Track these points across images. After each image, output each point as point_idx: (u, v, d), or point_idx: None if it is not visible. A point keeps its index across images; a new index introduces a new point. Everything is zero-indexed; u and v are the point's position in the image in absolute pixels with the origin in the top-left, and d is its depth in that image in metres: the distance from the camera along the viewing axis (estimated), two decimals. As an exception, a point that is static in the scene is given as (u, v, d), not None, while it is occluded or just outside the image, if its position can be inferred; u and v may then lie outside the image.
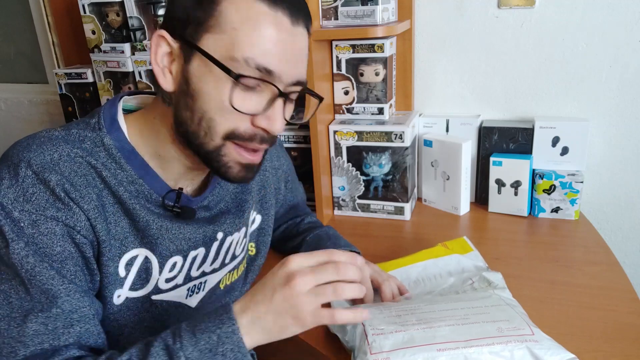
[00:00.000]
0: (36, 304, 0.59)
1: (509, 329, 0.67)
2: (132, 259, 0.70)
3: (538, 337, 0.66)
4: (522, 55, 1.22)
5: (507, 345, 0.64)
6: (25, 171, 0.61)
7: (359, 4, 1.09)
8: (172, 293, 0.76)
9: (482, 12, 1.22)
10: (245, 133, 0.65)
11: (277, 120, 0.65)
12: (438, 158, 1.23)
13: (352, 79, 1.19)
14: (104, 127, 0.68)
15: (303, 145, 1.25)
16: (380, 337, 0.68)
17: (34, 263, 0.59)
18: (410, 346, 0.65)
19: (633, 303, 0.84)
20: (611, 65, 1.17)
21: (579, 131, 1.15)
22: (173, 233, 0.73)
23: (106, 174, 0.66)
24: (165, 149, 0.71)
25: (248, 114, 0.64)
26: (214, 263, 0.81)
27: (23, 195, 0.60)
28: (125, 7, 1.26)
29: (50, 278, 0.60)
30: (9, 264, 0.59)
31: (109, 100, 0.73)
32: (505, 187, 1.19)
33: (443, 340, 0.65)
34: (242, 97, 0.63)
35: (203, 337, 0.58)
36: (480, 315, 0.70)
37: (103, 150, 0.67)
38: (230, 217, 0.81)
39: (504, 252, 1.03)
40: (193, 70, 0.64)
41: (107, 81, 1.37)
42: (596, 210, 1.27)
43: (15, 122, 1.80)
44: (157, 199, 0.71)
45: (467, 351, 0.64)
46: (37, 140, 0.64)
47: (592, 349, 0.74)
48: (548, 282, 0.91)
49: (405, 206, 1.20)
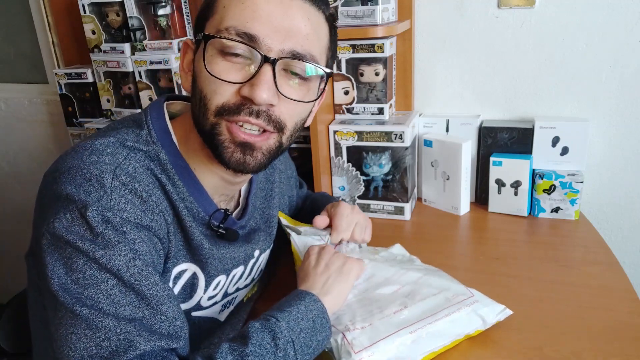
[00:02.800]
0: (143, 308, 0.58)
1: (454, 297, 0.77)
2: (181, 272, 0.70)
3: (477, 297, 0.77)
4: (522, 55, 1.22)
5: (459, 312, 0.74)
6: (112, 182, 0.59)
7: (359, 4, 1.09)
8: (210, 309, 0.77)
9: (482, 12, 1.22)
10: (233, 105, 0.63)
11: (260, 87, 0.61)
12: (438, 158, 1.23)
13: (352, 79, 1.19)
14: (157, 140, 0.67)
15: (303, 145, 1.25)
16: (355, 333, 0.70)
17: (140, 266, 0.58)
18: (385, 336, 0.70)
19: (633, 303, 0.84)
20: (611, 65, 1.17)
21: (579, 131, 1.15)
22: (222, 253, 0.73)
23: (169, 188, 0.66)
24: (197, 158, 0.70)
25: (230, 81, 0.62)
26: (247, 279, 0.83)
27: (118, 205, 0.58)
28: (125, 7, 1.26)
29: (155, 284, 0.59)
30: (110, 267, 0.57)
31: (153, 106, 0.71)
32: (505, 187, 1.19)
33: (408, 323, 0.72)
34: (227, 67, 0.62)
35: (293, 309, 0.66)
36: (424, 289, 0.78)
37: (159, 165, 0.66)
38: (262, 234, 0.82)
39: (504, 252, 1.03)
40: (197, 58, 0.65)
41: (107, 81, 1.37)
42: (596, 210, 1.27)
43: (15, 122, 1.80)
44: (204, 218, 0.70)
45: (431, 327, 0.72)
46: (100, 151, 0.62)
47: (592, 349, 0.73)
48: (548, 282, 0.91)
49: (405, 206, 1.20)
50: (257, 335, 0.61)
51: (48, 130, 1.76)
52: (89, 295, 0.56)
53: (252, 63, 0.62)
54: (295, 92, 0.65)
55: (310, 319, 0.66)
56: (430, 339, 0.71)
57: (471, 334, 0.76)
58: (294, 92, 0.65)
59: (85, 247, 0.56)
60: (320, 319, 0.67)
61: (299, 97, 0.66)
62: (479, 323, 0.75)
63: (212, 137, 0.64)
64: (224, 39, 0.61)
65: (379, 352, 0.68)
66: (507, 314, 0.78)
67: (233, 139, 0.64)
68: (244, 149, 0.65)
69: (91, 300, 0.56)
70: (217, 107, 0.63)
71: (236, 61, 0.62)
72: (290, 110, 0.66)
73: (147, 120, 0.68)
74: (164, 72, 1.28)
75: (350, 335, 0.70)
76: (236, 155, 0.65)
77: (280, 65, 0.63)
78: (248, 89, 0.62)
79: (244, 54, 0.62)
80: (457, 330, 0.74)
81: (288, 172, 0.97)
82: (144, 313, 0.58)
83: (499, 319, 0.77)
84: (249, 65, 0.62)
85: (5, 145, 1.85)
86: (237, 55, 0.62)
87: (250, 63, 0.62)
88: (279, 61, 0.62)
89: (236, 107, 0.63)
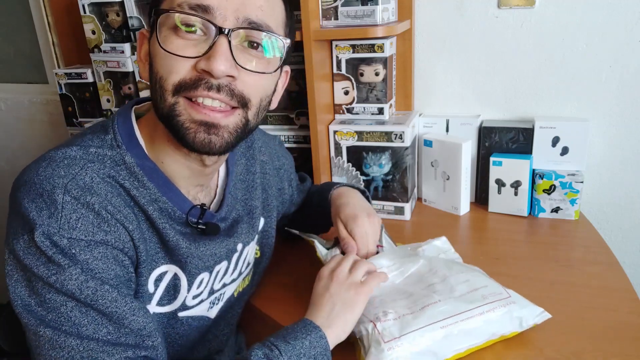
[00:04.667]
0: (106, 324, 0.58)
1: (491, 295, 0.76)
2: (161, 274, 0.69)
3: (514, 298, 0.76)
4: (522, 55, 1.22)
5: (494, 312, 0.73)
6: (64, 197, 0.58)
7: (359, 4, 1.09)
8: (197, 308, 0.77)
9: (482, 12, 1.22)
10: (190, 80, 0.60)
11: (217, 58, 0.58)
12: (438, 158, 1.23)
13: (352, 79, 1.19)
14: (123, 144, 0.66)
15: (303, 145, 1.25)
16: (387, 323, 0.71)
17: (94, 287, 0.58)
18: (415, 329, 0.70)
19: (633, 303, 0.84)
20: (611, 65, 1.17)
21: (579, 131, 1.15)
22: (201, 250, 0.72)
23: (134, 193, 0.65)
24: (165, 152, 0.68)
25: (186, 56, 0.60)
26: (233, 273, 0.82)
27: (67, 223, 0.58)
28: (125, 7, 1.26)
29: (113, 301, 0.59)
30: (65, 291, 0.57)
31: (120, 112, 0.70)
32: (505, 187, 1.19)
33: (441, 317, 0.71)
34: (183, 44, 0.60)
35: (297, 344, 0.65)
36: (460, 285, 0.78)
37: (125, 168, 0.65)
38: (244, 226, 0.81)
39: (504, 252, 1.03)
40: (152, 41, 0.64)
41: (107, 81, 1.37)
42: (596, 210, 1.27)
43: (15, 122, 1.80)
44: (180, 216, 0.70)
45: (464, 324, 0.71)
46: (56, 162, 0.61)
47: (592, 349, 0.74)
48: (548, 282, 0.91)
49: (405, 206, 1.20)
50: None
51: (48, 130, 1.77)
52: (52, 318, 0.57)
53: (207, 38, 0.61)
54: (255, 65, 0.63)
55: (312, 356, 0.66)
56: (462, 336, 0.71)
57: (507, 335, 0.75)
58: (253, 64, 0.63)
59: (40, 272, 0.57)
60: (322, 357, 0.67)
61: (260, 69, 0.63)
62: (516, 324, 0.74)
63: (171, 119, 0.62)
64: (176, 13, 0.59)
65: (408, 343, 0.68)
66: (546, 317, 0.76)
67: (193, 118, 0.61)
68: (208, 128, 0.62)
69: (54, 322, 0.57)
70: (174, 85, 0.61)
71: (191, 37, 0.60)
72: (253, 83, 0.64)
73: (113, 125, 0.67)
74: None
75: (381, 325, 0.70)
76: (199, 135, 0.62)
77: (236, 36, 0.61)
78: (205, 62, 0.59)
79: (198, 28, 0.60)
80: (492, 330, 0.73)
81: (276, 162, 0.94)
82: (107, 329, 0.59)
83: (536, 321, 0.76)
84: (205, 40, 0.61)
85: (5, 145, 1.85)
86: (192, 32, 0.60)
87: (205, 38, 0.61)
88: (234, 32, 0.60)
89: (193, 82, 0.60)
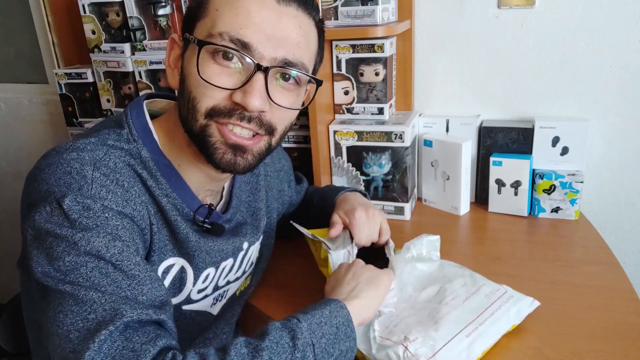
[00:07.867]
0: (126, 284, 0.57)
1: (491, 293, 0.79)
2: (168, 267, 0.70)
3: (510, 292, 0.80)
4: (522, 55, 1.22)
5: (500, 309, 0.76)
6: (93, 173, 0.60)
7: (359, 4, 1.09)
8: (201, 303, 0.77)
9: (482, 12, 1.22)
10: (224, 108, 0.64)
11: (252, 95, 0.62)
12: (438, 158, 1.23)
13: (352, 79, 1.19)
14: (139, 138, 0.68)
15: (303, 145, 1.25)
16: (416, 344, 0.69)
17: (121, 247, 0.58)
18: (444, 343, 0.70)
19: (633, 303, 0.84)
20: (611, 65, 1.17)
21: (579, 131, 1.15)
22: (209, 245, 0.73)
23: (150, 183, 0.66)
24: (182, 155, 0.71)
25: (222, 87, 0.63)
26: (237, 272, 0.83)
27: (99, 194, 0.59)
28: (125, 7, 1.26)
29: (137, 264, 0.59)
30: (89, 249, 0.57)
31: (132, 106, 0.72)
32: (505, 187, 1.19)
33: (462, 325, 0.73)
34: (218, 71, 0.63)
35: (316, 313, 0.64)
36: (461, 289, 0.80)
37: (140, 162, 0.67)
38: (249, 227, 0.82)
39: (504, 252, 1.03)
40: (186, 58, 0.66)
41: (107, 81, 1.37)
42: (596, 210, 1.27)
43: (15, 122, 1.80)
44: (188, 214, 0.71)
45: (482, 327, 0.73)
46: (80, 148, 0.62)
47: (592, 349, 0.73)
48: (548, 282, 0.91)
49: (405, 206, 1.20)
50: (276, 333, 0.60)
51: (48, 130, 1.77)
52: (72, 278, 0.56)
53: (244, 69, 0.63)
54: (286, 99, 0.67)
55: (334, 325, 0.64)
56: (482, 339, 0.72)
57: (509, 330, 0.76)
58: (284, 99, 0.67)
59: (63, 232, 0.57)
60: (345, 327, 0.64)
61: (289, 103, 0.68)
62: (516, 317, 0.77)
63: (202, 138, 0.66)
64: (217, 45, 0.62)
65: (443, 358, 0.68)
66: (536, 305, 0.79)
67: (225, 141, 0.65)
68: (235, 151, 0.66)
69: (74, 280, 0.56)
70: (207, 109, 0.64)
71: (228, 65, 0.63)
72: (281, 115, 0.68)
73: (127, 119, 0.69)
74: (164, 72, 1.28)
75: (413, 347, 0.68)
76: (227, 156, 0.66)
77: (272, 73, 0.64)
78: (241, 96, 0.63)
79: (236, 59, 0.63)
80: (502, 327, 0.75)
81: (277, 165, 0.96)
82: (128, 287, 0.58)
83: (529, 311, 0.78)
84: (241, 71, 0.63)
85: (5, 145, 1.85)
86: (229, 60, 0.63)
87: (242, 69, 0.63)
88: (271, 69, 0.63)
89: (227, 110, 0.64)
